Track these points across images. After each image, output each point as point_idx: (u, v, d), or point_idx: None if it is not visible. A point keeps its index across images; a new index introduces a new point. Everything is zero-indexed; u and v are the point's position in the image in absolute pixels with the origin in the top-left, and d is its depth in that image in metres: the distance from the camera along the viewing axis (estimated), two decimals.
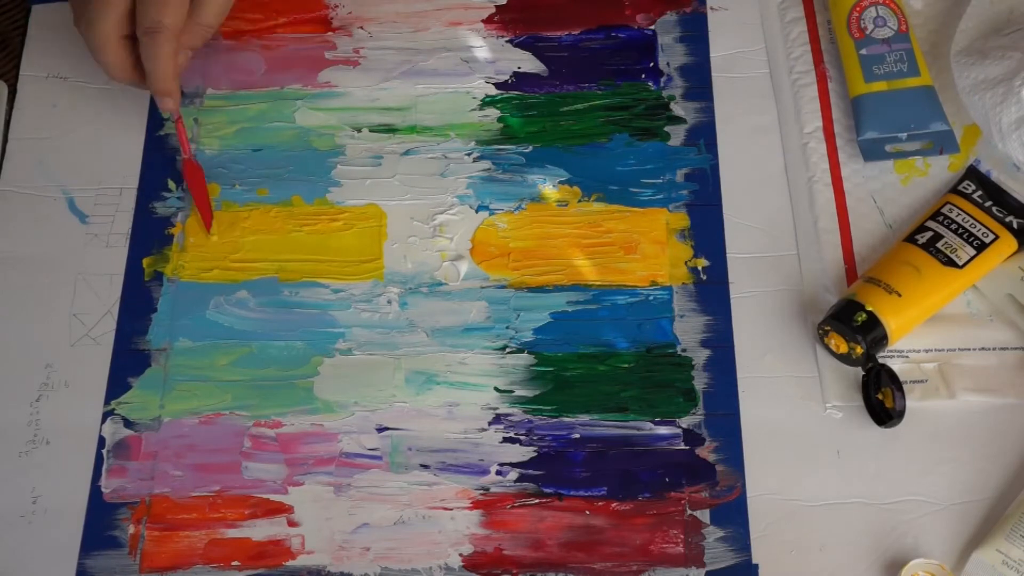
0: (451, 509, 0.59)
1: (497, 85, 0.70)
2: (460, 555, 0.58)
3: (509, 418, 0.61)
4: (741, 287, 0.64)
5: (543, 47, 0.71)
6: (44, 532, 0.59)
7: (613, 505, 0.59)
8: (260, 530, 0.59)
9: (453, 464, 0.60)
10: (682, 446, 0.60)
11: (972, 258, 0.61)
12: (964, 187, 0.65)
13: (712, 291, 0.64)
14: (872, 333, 0.59)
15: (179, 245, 0.66)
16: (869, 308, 0.59)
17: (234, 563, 0.58)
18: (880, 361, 0.60)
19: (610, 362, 0.62)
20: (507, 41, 0.72)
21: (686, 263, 0.65)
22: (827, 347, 0.61)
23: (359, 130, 0.69)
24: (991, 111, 0.63)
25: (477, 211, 0.67)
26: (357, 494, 0.60)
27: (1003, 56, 0.64)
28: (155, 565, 0.58)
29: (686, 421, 0.61)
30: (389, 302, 0.64)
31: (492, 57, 0.71)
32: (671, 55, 0.71)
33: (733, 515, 0.58)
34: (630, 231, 0.66)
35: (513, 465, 0.60)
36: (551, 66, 0.71)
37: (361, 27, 0.73)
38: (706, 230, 0.65)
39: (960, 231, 0.62)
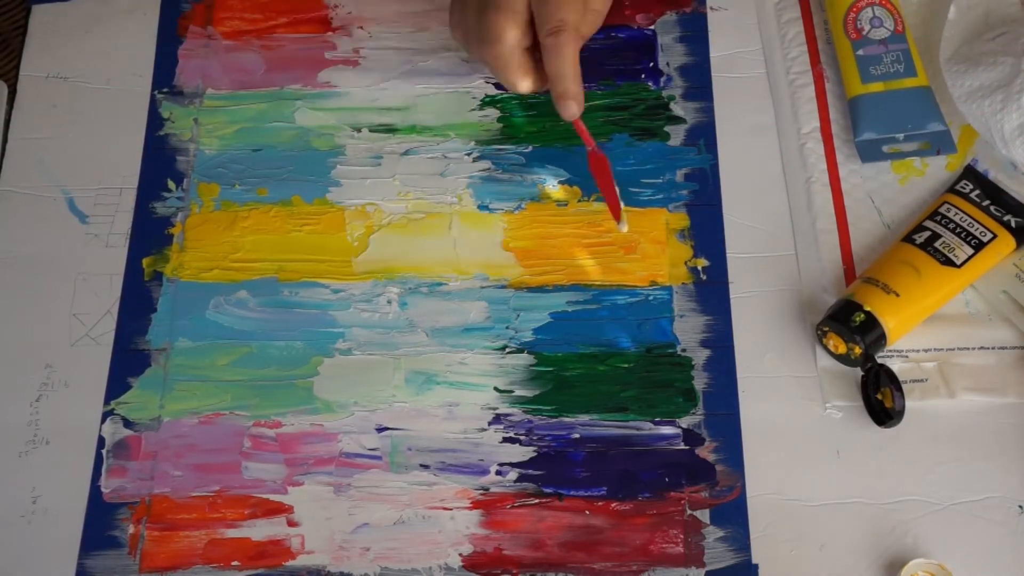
0: (451, 509, 0.59)
1: (497, 85, 0.70)
2: (460, 555, 0.58)
3: (509, 418, 0.61)
4: (741, 287, 0.64)
5: None
6: (44, 532, 0.59)
7: (613, 505, 0.59)
8: (260, 530, 0.59)
9: (453, 464, 0.60)
10: (682, 446, 0.60)
11: (970, 257, 0.61)
12: (962, 186, 0.65)
13: (712, 291, 0.64)
14: (870, 333, 0.59)
15: (179, 245, 0.66)
16: (867, 308, 0.59)
17: (234, 563, 0.58)
18: (879, 361, 0.60)
19: (610, 362, 0.62)
20: None
21: (686, 263, 0.65)
22: (826, 347, 0.61)
23: (359, 130, 0.69)
24: (991, 119, 0.63)
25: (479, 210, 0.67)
26: (357, 494, 0.60)
27: (995, 62, 0.64)
28: (155, 565, 0.58)
29: (686, 421, 0.61)
30: (389, 302, 0.64)
31: None
32: (671, 55, 0.71)
33: (733, 515, 0.58)
34: (630, 231, 0.66)
35: (513, 465, 0.60)
36: None
37: (361, 27, 0.73)
38: (706, 230, 0.66)
39: (958, 230, 0.62)
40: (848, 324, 0.59)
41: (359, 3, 0.74)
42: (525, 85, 0.62)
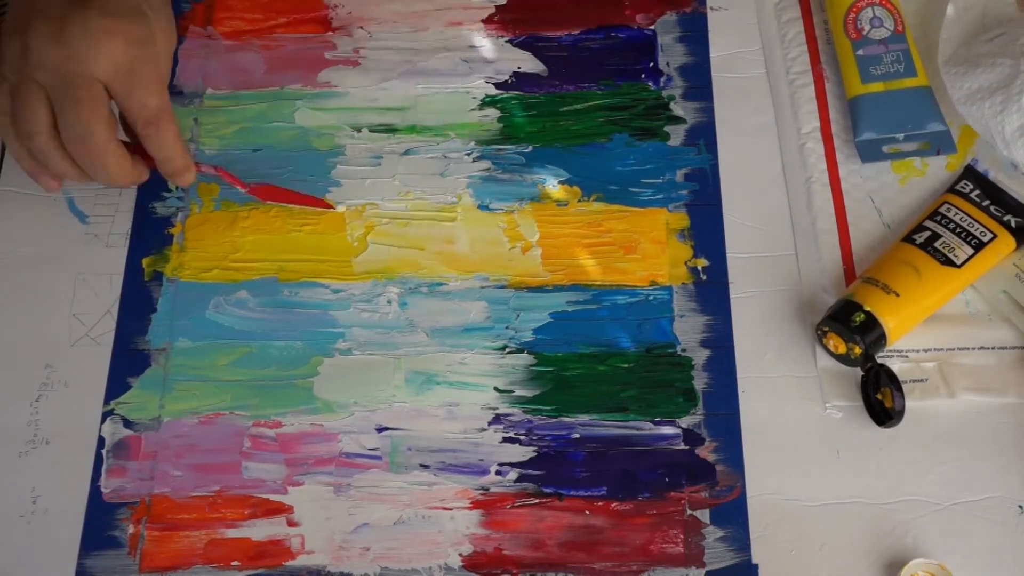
0: (451, 509, 0.59)
1: (497, 85, 0.70)
2: (460, 555, 0.58)
3: (509, 418, 0.61)
4: (741, 287, 0.64)
5: (543, 47, 0.71)
6: (44, 532, 0.59)
7: (613, 505, 0.59)
8: (260, 530, 0.59)
9: (453, 464, 0.60)
10: (682, 446, 0.60)
11: (970, 257, 0.61)
12: (962, 186, 0.65)
13: (712, 291, 0.64)
14: (870, 333, 0.59)
15: (179, 245, 0.66)
16: (867, 308, 0.59)
17: (234, 563, 0.58)
18: (879, 361, 0.60)
19: (610, 362, 0.62)
20: (507, 41, 0.72)
21: (686, 263, 0.65)
22: (826, 348, 0.61)
23: (359, 130, 0.69)
24: (992, 120, 0.63)
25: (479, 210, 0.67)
26: (357, 494, 0.60)
27: (993, 64, 0.64)
28: (155, 565, 0.58)
29: (686, 421, 0.61)
30: (389, 302, 0.64)
31: (492, 57, 0.71)
32: (671, 55, 0.71)
33: (733, 515, 0.58)
34: (630, 231, 0.66)
35: (513, 465, 0.60)
36: (551, 66, 0.71)
37: (361, 27, 0.73)
38: (706, 230, 0.66)
39: (958, 230, 0.62)
40: (848, 324, 0.59)
41: (359, 3, 0.73)
42: (123, 178, 0.60)
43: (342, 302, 0.64)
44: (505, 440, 0.61)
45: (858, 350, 0.59)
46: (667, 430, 0.61)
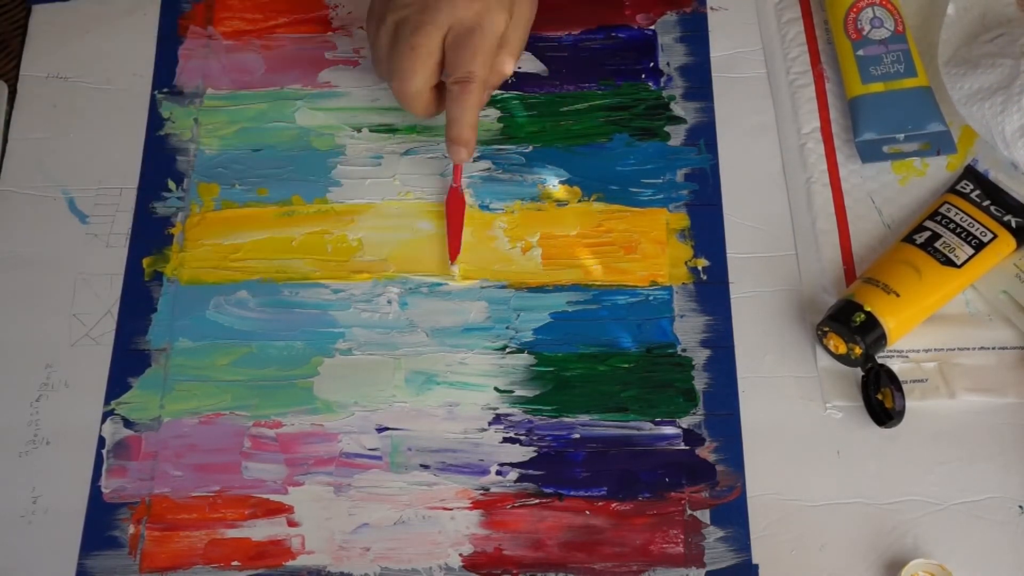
0: (451, 509, 0.59)
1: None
2: (460, 555, 0.58)
3: (509, 418, 0.61)
4: (741, 287, 0.64)
5: (543, 47, 0.71)
6: (44, 532, 0.59)
7: (613, 505, 0.59)
8: (260, 530, 0.59)
9: (453, 464, 0.60)
10: (682, 446, 0.60)
11: (970, 257, 0.61)
12: (962, 186, 0.65)
13: (712, 291, 0.64)
14: (871, 333, 0.59)
15: (179, 245, 0.66)
16: (867, 308, 0.59)
17: (234, 563, 0.58)
18: (879, 361, 0.60)
19: (610, 362, 0.62)
20: None
21: (686, 263, 0.65)
22: (826, 348, 0.61)
23: (359, 130, 0.69)
24: (992, 121, 0.63)
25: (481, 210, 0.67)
26: (357, 494, 0.60)
27: (993, 64, 0.64)
28: (155, 565, 0.58)
29: (686, 421, 0.61)
30: (389, 302, 0.64)
31: None
32: (671, 55, 0.71)
33: (733, 515, 0.58)
34: (630, 231, 0.66)
35: (513, 465, 0.60)
36: (551, 66, 0.71)
37: (361, 27, 0.73)
38: (706, 230, 0.66)
39: (958, 230, 0.62)
40: (848, 324, 0.59)
41: (359, 3, 0.73)
42: (423, 115, 0.65)
43: (342, 302, 0.64)
44: (505, 440, 0.61)
45: (858, 350, 0.59)
46: (667, 430, 0.61)
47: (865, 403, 0.60)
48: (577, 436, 0.61)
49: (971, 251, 0.61)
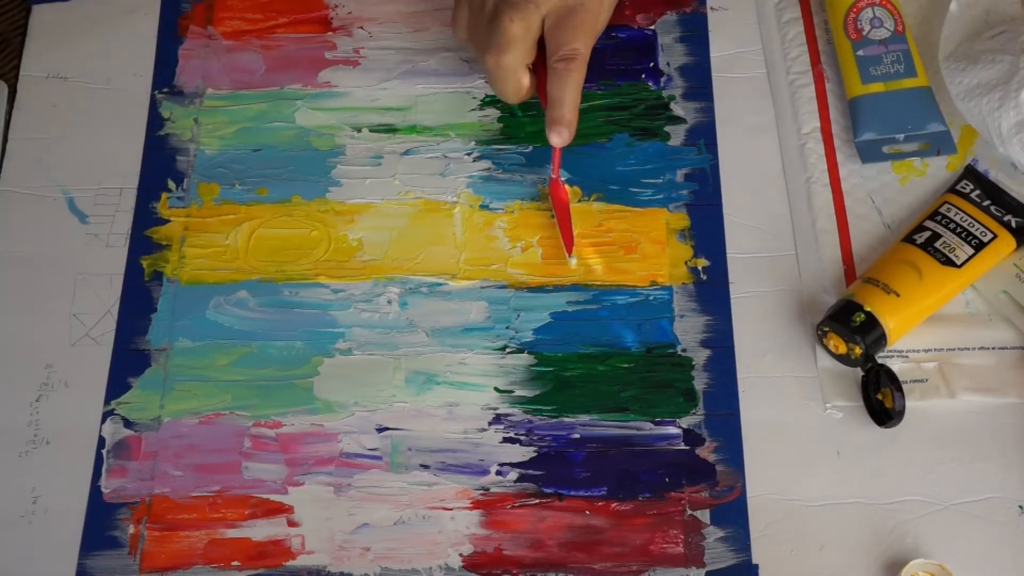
0: (451, 509, 0.59)
1: None
2: (460, 555, 0.58)
3: (509, 418, 0.61)
4: (741, 287, 0.64)
5: None
6: (44, 532, 0.59)
7: (613, 505, 0.59)
8: (260, 530, 0.59)
9: (453, 464, 0.60)
10: (682, 446, 0.60)
11: (971, 257, 0.61)
12: (962, 186, 0.65)
13: (712, 291, 0.64)
14: (871, 333, 0.59)
15: (179, 245, 0.66)
16: (867, 308, 0.59)
17: (234, 563, 0.58)
18: (879, 361, 0.60)
19: (610, 362, 0.62)
20: None
21: (686, 263, 0.65)
22: (826, 348, 0.61)
23: (359, 130, 0.69)
24: (989, 116, 0.63)
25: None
26: (357, 494, 0.60)
27: (993, 60, 0.64)
28: (155, 565, 0.58)
29: (686, 421, 0.61)
30: (389, 302, 0.64)
31: None
32: (671, 55, 0.71)
33: (733, 515, 0.58)
34: (630, 231, 0.66)
35: (513, 465, 0.60)
36: None
37: (361, 27, 0.73)
38: (706, 230, 0.66)
39: (958, 230, 0.62)
40: (848, 324, 0.59)
41: (359, 3, 0.74)
42: (514, 99, 0.63)
43: (342, 302, 0.64)
44: (505, 440, 0.61)
45: (858, 350, 0.59)
46: (667, 430, 0.61)
47: (865, 403, 0.60)
48: (577, 436, 0.61)
49: (971, 251, 0.61)
